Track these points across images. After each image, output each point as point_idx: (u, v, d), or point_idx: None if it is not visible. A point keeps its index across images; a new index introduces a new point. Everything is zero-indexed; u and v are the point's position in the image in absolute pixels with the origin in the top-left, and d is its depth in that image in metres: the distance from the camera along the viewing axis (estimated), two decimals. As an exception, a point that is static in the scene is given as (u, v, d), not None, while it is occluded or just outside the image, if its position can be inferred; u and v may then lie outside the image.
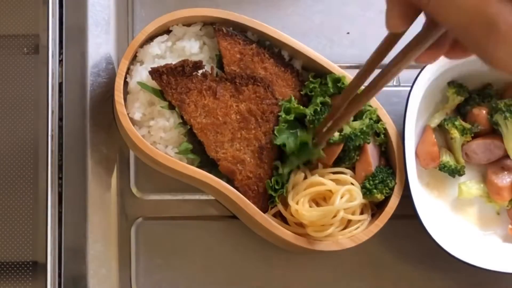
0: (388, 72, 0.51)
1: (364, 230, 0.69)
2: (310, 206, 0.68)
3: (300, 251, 0.71)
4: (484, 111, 0.74)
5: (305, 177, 0.69)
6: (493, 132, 0.74)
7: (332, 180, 0.69)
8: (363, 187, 0.69)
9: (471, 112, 0.75)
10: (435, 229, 0.69)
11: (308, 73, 0.74)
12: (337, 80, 0.71)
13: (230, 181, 0.69)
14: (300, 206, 0.67)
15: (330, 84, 0.71)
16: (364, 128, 0.69)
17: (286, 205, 0.69)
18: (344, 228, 0.69)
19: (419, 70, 0.82)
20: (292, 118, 0.69)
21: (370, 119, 0.70)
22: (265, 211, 0.69)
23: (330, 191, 0.68)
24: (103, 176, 0.75)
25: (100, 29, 0.77)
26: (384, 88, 0.78)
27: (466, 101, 0.75)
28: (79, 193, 0.73)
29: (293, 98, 0.70)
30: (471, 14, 0.37)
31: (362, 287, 0.76)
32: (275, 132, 0.69)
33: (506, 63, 0.38)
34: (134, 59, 0.72)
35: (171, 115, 0.70)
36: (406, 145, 0.70)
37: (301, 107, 0.70)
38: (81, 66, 0.75)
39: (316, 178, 0.68)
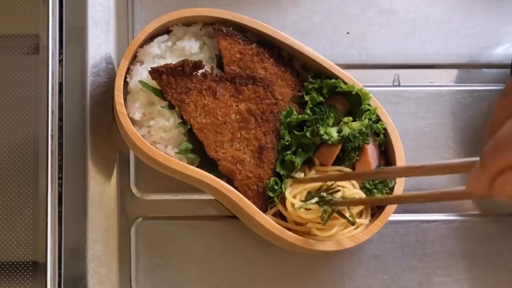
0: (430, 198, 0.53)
1: (364, 230, 0.69)
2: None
3: (300, 251, 0.71)
4: None
5: (305, 176, 0.69)
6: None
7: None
8: (363, 187, 0.69)
9: None
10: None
11: (308, 73, 0.74)
12: (333, 86, 0.71)
13: (230, 181, 0.69)
14: (297, 200, 0.67)
15: (325, 90, 0.71)
16: (363, 129, 0.69)
17: (286, 205, 0.69)
18: (344, 228, 0.69)
19: (420, 70, 0.82)
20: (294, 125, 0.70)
21: (369, 119, 0.70)
22: (264, 211, 0.69)
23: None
24: (103, 176, 0.75)
25: (100, 29, 0.77)
26: (384, 88, 0.79)
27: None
28: (79, 193, 0.73)
29: (294, 109, 0.70)
30: None
31: (362, 287, 0.76)
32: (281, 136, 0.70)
33: None
34: (134, 59, 0.72)
35: (171, 115, 0.70)
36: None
37: (300, 116, 0.70)
38: (81, 66, 0.75)
39: (314, 175, 0.68)
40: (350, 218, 0.66)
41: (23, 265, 0.69)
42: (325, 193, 0.67)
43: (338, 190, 0.67)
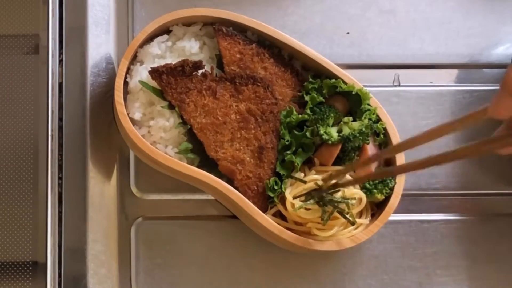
0: (449, 157, 0.50)
1: (364, 230, 0.69)
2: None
3: (300, 251, 0.71)
4: None
5: (305, 176, 0.69)
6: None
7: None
8: (363, 187, 0.69)
9: None
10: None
11: (308, 73, 0.74)
12: (333, 86, 0.71)
13: (230, 181, 0.69)
14: (297, 201, 0.67)
15: (325, 90, 0.71)
16: (363, 129, 0.69)
17: (286, 205, 0.69)
18: (344, 228, 0.69)
19: (420, 70, 0.82)
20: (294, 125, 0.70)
21: (369, 119, 0.70)
22: (264, 211, 0.69)
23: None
24: (103, 176, 0.75)
25: (100, 29, 0.77)
26: (384, 88, 0.79)
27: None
28: (79, 193, 0.73)
29: (294, 109, 0.70)
30: None
31: (362, 287, 0.76)
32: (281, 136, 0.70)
33: None
34: (134, 59, 0.72)
35: (171, 115, 0.70)
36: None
37: (300, 115, 0.70)
38: (81, 66, 0.75)
39: (314, 176, 0.68)
40: (350, 218, 0.67)
41: (23, 265, 0.69)
42: (325, 193, 0.67)
43: (338, 190, 0.67)
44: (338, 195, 0.67)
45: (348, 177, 0.69)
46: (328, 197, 0.66)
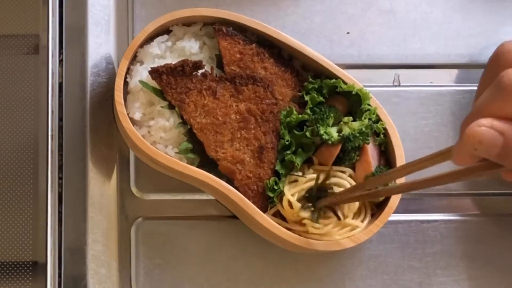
0: (430, 183, 0.52)
1: (364, 230, 0.69)
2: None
3: (300, 251, 0.71)
4: None
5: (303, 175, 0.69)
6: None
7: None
8: (363, 187, 0.69)
9: None
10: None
11: (308, 73, 0.74)
12: (333, 86, 0.71)
13: (230, 181, 0.69)
14: (295, 198, 0.67)
15: (325, 90, 0.71)
16: (363, 129, 0.69)
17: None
18: (342, 228, 0.69)
19: (420, 70, 0.82)
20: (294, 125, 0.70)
21: (369, 119, 0.70)
22: (264, 211, 0.69)
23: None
24: (103, 176, 0.75)
25: (100, 29, 0.77)
26: (384, 88, 0.79)
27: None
28: (79, 193, 0.73)
29: (294, 109, 0.70)
30: None
31: (362, 287, 0.76)
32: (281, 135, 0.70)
33: None
34: (134, 59, 0.72)
35: (171, 115, 0.70)
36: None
37: (300, 115, 0.70)
38: (81, 66, 0.75)
39: (312, 175, 0.68)
40: (340, 215, 0.67)
41: (23, 265, 0.69)
42: (315, 192, 0.67)
43: (331, 188, 0.67)
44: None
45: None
46: (317, 195, 0.67)
